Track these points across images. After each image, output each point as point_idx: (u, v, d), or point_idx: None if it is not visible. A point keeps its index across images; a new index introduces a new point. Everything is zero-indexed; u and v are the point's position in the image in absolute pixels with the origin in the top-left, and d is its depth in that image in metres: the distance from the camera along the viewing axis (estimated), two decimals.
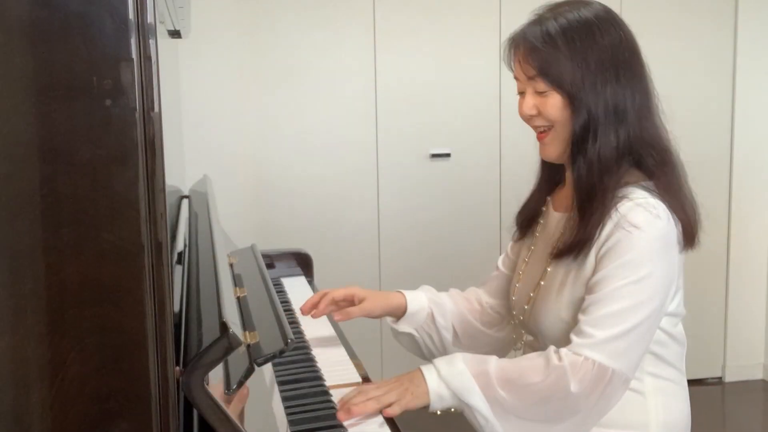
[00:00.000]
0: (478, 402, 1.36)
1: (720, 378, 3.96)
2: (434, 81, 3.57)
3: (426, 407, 1.41)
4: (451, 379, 1.38)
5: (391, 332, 1.76)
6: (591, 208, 1.41)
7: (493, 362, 1.40)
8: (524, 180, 1.72)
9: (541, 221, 1.64)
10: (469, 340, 1.73)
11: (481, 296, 1.78)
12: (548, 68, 1.42)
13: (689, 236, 1.44)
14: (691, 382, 1.51)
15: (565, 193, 1.57)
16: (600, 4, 1.48)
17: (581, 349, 1.35)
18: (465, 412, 1.40)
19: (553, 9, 1.47)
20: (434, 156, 3.59)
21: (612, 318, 1.35)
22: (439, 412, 1.43)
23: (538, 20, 1.45)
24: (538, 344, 1.55)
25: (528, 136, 1.58)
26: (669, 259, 1.40)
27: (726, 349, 3.94)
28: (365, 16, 3.48)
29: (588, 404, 1.35)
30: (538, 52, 1.43)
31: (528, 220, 1.66)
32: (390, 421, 1.38)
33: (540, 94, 1.45)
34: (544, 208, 1.64)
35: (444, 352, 1.71)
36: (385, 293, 1.73)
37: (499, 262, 1.78)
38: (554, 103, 1.44)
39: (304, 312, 1.72)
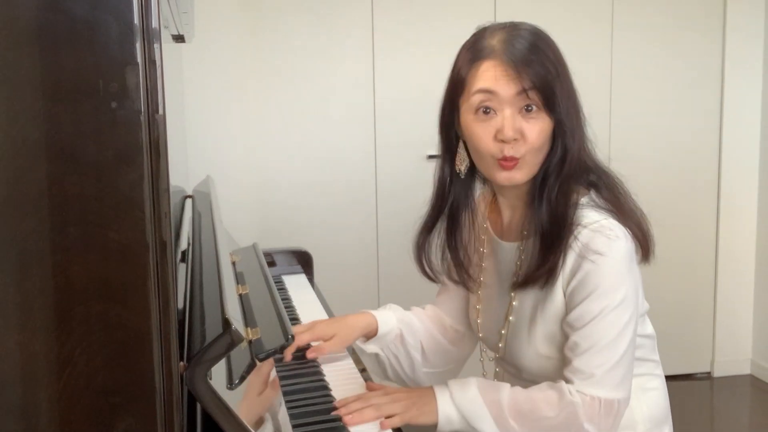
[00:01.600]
0: (488, 430, 1.34)
1: (709, 373, 3.97)
2: (430, 85, 3.54)
3: (432, 426, 1.37)
4: (464, 403, 1.35)
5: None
6: (558, 236, 1.35)
7: (506, 391, 1.36)
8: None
9: (483, 250, 1.57)
10: (435, 358, 1.65)
11: (441, 315, 1.70)
12: (550, 92, 1.33)
13: (644, 249, 1.41)
14: (681, 378, 1.52)
15: (512, 222, 1.51)
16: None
17: (585, 388, 1.32)
18: None
19: (514, 26, 1.40)
20: (431, 157, 3.59)
21: (604, 352, 1.32)
22: None
23: (523, 36, 1.36)
24: (521, 376, 1.50)
25: None
26: (634, 274, 1.37)
27: (714, 346, 3.95)
28: (364, 24, 3.48)
29: None
30: (543, 75, 1.33)
31: (461, 262, 1.56)
32: None
33: (525, 114, 1.35)
34: (483, 237, 1.57)
35: (411, 372, 1.62)
36: (352, 321, 1.59)
37: (445, 279, 1.66)
38: (543, 126, 1.35)
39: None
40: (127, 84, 0.76)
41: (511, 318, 1.48)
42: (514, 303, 1.47)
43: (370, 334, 1.59)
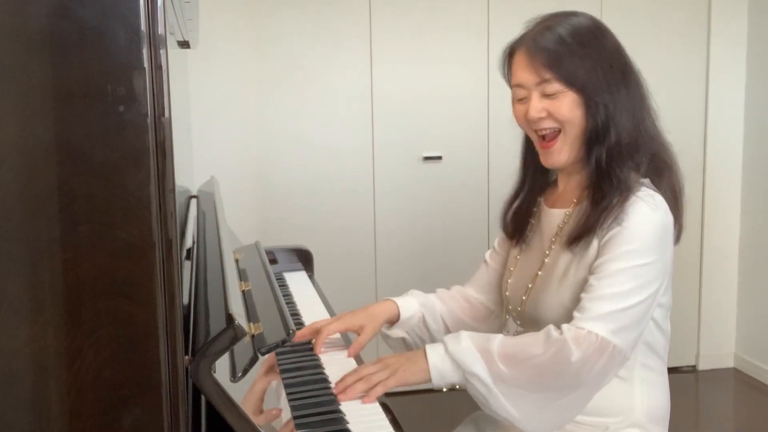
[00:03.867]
0: (480, 371, 1.34)
1: (694, 366, 3.97)
2: (426, 89, 3.57)
3: (425, 384, 1.39)
4: (457, 353, 1.36)
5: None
6: (609, 196, 1.40)
7: (497, 339, 1.38)
8: (510, 180, 1.71)
9: (533, 221, 1.61)
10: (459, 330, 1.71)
11: (469, 293, 1.74)
12: (563, 68, 1.39)
13: (678, 233, 1.47)
14: (667, 370, 1.51)
15: (563, 192, 1.56)
16: (588, 14, 1.47)
17: (584, 322, 1.33)
18: (468, 386, 1.37)
19: (550, 19, 1.45)
20: (426, 159, 3.60)
21: (616, 296, 1.34)
22: (445, 389, 1.42)
23: (544, 27, 1.43)
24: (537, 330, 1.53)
25: (514, 140, 1.58)
26: (668, 248, 1.40)
27: (699, 340, 3.95)
28: (362, 29, 3.48)
29: (588, 376, 1.32)
30: (552, 53, 1.40)
31: (521, 223, 1.63)
32: (386, 409, 1.38)
33: (548, 96, 1.42)
34: (535, 209, 1.62)
35: None
36: (377, 309, 1.63)
37: (487, 256, 1.75)
38: (567, 103, 1.41)
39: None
40: (135, 88, 0.76)
41: (540, 273, 1.51)
42: (546, 260, 1.50)
43: (393, 320, 1.64)
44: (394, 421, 1.34)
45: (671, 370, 3.87)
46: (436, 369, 1.37)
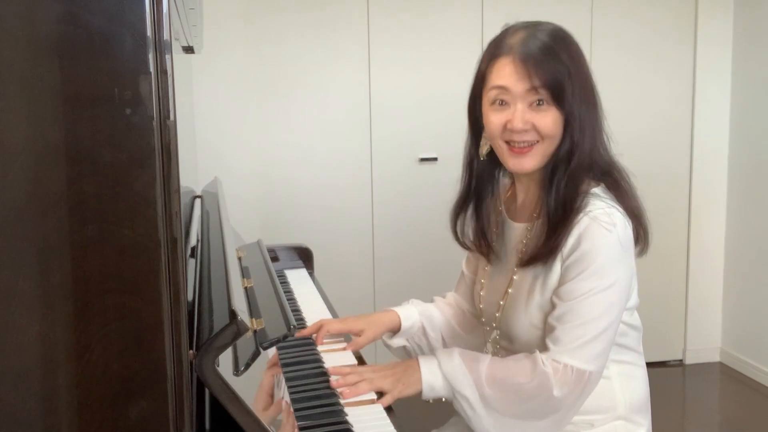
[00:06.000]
0: (469, 393, 1.36)
1: (681, 361, 3.97)
2: (422, 93, 3.57)
3: (418, 394, 1.41)
4: (449, 370, 1.38)
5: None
6: (564, 218, 1.37)
7: (485, 361, 1.39)
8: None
9: (496, 231, 1.58)
10: (454, 344, 1.68)
11: (460, 302, 1.75)
12: (557, 85, 1.34)
13: (642, 243, 1.44)
14: (654, 365, 1.52)
15: (522, 204, 1.53)
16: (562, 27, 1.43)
17: (560, 356, 1.34)
18: (454, 403, 1.39)
19: (535, 26, 1.40)
20: (423, 160, 3.60)
21: (585, 326, 1.33)
22: (431, 401, 1.44)
23: (537, 36, 1.37)
24: (512, 348, 1.51)
25: None
26: (629, 263, 1.39)
27: (686, 335, 3.96)
28: (361, 36, 3.48)
29: (568, 404, 1.35)
30: (550, 69, 1.34)
31: (481, 237, 1.57)
32: (381, 396, 1.38)
33: (533, 106, 1.37)
34: (499, 219, 1.59)
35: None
36: (379, 318, 1.65)
37: (464, 266, 1.74)
38: (552, 117, 1.36)
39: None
40: (141, 92, 0.76)
41: (510, 290, 1.49)
42: (515, 278, 1.49)
43: (395, 329, 1.65)
44: (389, 410, 1.34)
45: (659, 365, 3.90)
46: (428, 384, 1.40)
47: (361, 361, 1.57)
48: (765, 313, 3.65)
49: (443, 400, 1.42)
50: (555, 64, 1.35)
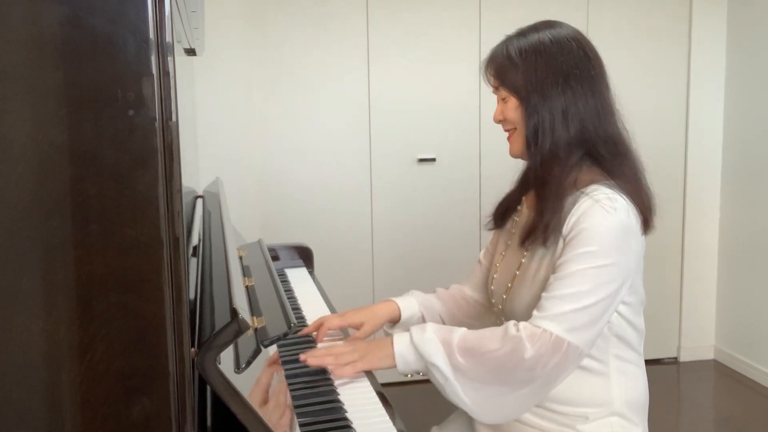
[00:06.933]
0: (440, 362, 1.37)
1: (675, 358, 3.98)
2: (421, 94, 3.57)
3: (393, 369, 1.42)
4: (421, 343, 1.39)
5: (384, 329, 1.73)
6: (544, 196, 1.43)
7: (458, 332, 1.41)
8: (500, 181, 1.72)
9: (516, 219, 1.63)
10: None
11: (465, 292, 1.77)
12: (505, 78, 1.48)
13: (645, 221, 1.45)
14: (650, 362, 1.52)
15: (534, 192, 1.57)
16: (565, 27, 1.50)
17: (540, 321, 1.35)
18: (429, 375, 1.40)
19: (521, 32, 1.50)
20: (421, 161, 3.60)
21: (572, 296, 1.34)
22: (409, 376, 1.45)
23: (504, 42, 1.50)
24: None
25: (503, 142, 1.59)
26: (627, 249, 1.39)
27: (681, 332, 3.96)
28: (360, 37, 3.48)
29: (543, 372, 1.33)
30: (499, 66, 1.48)
31: (502, 213, 1.65)
32: (382, 396, 1.38)
33: (503, 101, 1.50)
34: (519, 207, 1.63)
35: None
36: (378, 309, 1.67)
37: (481, 256, 1.77)
38: (511, 106, 1.48)
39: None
40: (143, 93, 0.76)
41: (518, 272, 1.51)
42: (523, 260, 1.51)
43: (395, 320, 1.68)
44: (385, 400, 1.34)
45: (654, 362, 3.89)
46: (401, 356, 1.41)
47: None
48: (758, 311, 3.65)
49: (420, 374, 1.43)
50: (504, 57, 1.48)
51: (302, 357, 1.41)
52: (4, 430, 0.77)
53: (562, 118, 1.43)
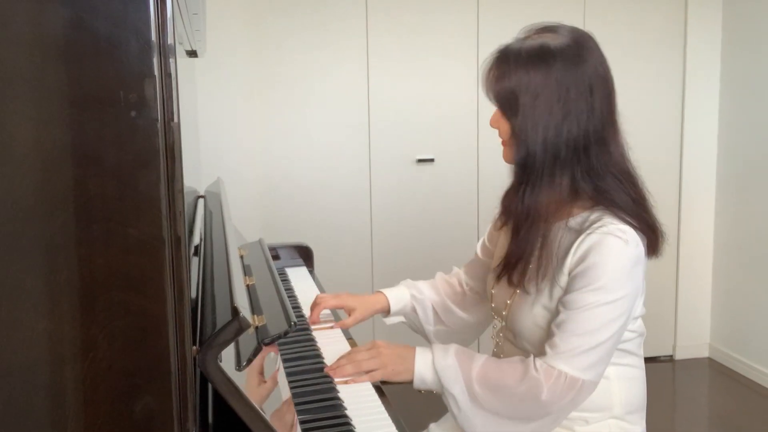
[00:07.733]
0: (457, 393, 1.36)
1: (671, 356, 3.98)
2: (420, 95, 3.58)
3: (409, 383, 1.42)
4: (442, 368, 1.38)
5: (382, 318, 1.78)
6: (522, 230, 1.39)
7: (479, 361, 1.39)
8: (498, 181, 1.70)
9: None
10: (447, 318, 1.75)
11: (462, 277, 1.78)
12: (492, 90, 1.38)
13: (653, 246, 1.41)
14: (646, 360, 1.51)
15: None
16: (572, 33, 1.39)
17: (554, 362, 1.33)
18: (444, 400, 1.40)
19: (522, 39, 1.39)
20: (420, 161, 3.60)
21: (583, 336, 1.31)
22: (422, 391, 1.44)
23: (505, 49, 1.38)
24: (516, 342, 1.50)
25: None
26: (636, 279, 1.35)
27: (676, 331, 3.96)
28: (360, 39, 3.48)
29: (556, 408, 1.33)
30: (486, 79, 1.39)
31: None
32: (380, 391, 1.38)
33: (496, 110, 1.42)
34: None
35: (427, 334, 1.77)
36: (370, 299, 1.74)
37: (477, 248, 1.76)
38: (505, 129, 1.39)
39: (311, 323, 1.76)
40: (146, 95, 0.76)
41: (518, 290, 1.47)
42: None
43: (385, 311, 1.74)
44: (384, 397, 1.34)
45: (649, 360, 3.89)
46: (419, 376, 1.41)
47: (352, 343, 1.63)
48: (753, 309, 3.66)
49: (433, 392, 1.43)
50: (498, 77, 1.36)
51: (327, 370, 1.43)
52: (8, 428, 0.77)
53: (554, 140, 1.34)
